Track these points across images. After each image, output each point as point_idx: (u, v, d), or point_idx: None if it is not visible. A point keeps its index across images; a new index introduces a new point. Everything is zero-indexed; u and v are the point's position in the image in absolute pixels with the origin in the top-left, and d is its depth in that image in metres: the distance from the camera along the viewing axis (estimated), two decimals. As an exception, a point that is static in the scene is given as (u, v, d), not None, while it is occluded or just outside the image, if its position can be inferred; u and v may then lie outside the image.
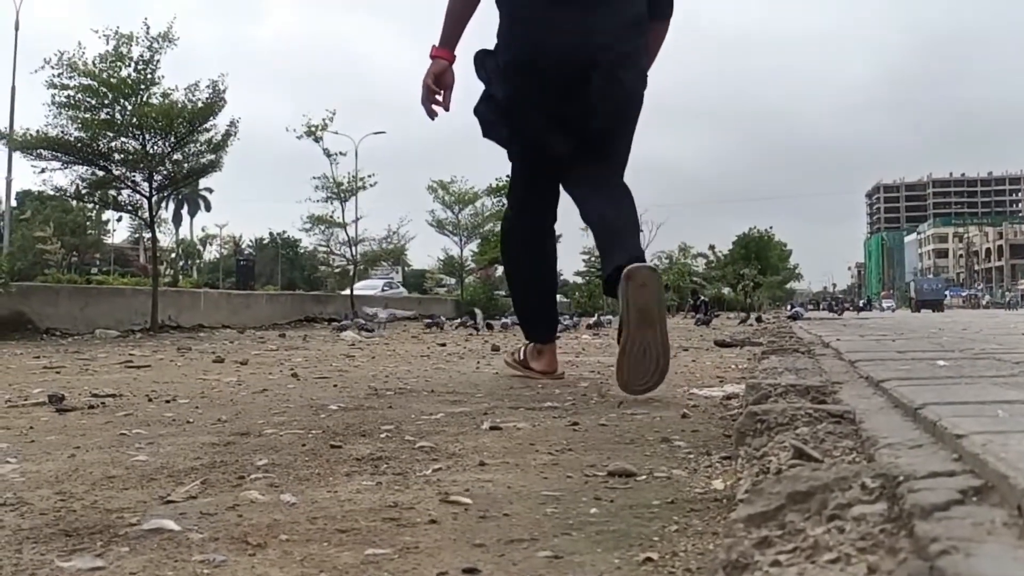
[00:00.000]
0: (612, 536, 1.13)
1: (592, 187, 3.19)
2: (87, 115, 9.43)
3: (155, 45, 9.66)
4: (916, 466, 0.98)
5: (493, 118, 3.35)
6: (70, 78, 9.38)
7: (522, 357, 3.66)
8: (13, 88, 23.28)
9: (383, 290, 29.83)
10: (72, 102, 9.39)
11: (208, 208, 77.42)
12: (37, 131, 9.54)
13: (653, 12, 3.29)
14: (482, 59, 3.32)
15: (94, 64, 9.40)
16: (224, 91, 10.08)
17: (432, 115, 3.35)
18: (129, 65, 9.56)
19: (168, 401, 2.79)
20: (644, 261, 2.84)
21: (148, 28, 9.67)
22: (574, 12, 3.09)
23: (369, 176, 18.95)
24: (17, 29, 26.04)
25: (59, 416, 2.43)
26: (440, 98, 3.29)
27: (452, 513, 1.26)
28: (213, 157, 10.41)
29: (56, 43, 9.87)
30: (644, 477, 1.51)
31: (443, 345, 7.06)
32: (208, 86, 10.05)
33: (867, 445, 1.23)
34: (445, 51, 3.26)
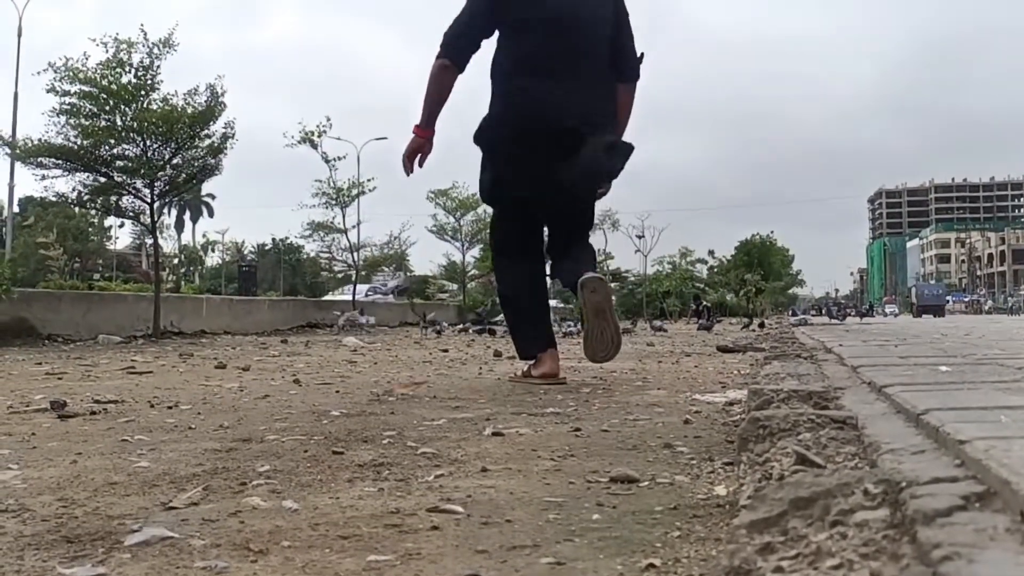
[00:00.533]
0: (614, 542, 1.13)
1: (567, 255, 3.80)
2: (88, 122, 9.43)
3: (155, 51, 9.66)
4: (919, 472, 0.98)
5: (489, 182, 3.89)
6: (71, 84, 9.38)
7: (525, 370, 3.77)
8: (16, 94, 23.28)
9: (367, 295, 28.96)
10: (73, 109, 9.40)
11: (211, 214, 77.44)
12: (39, 139, 9.54)
13: (620, 76, 3.78)
14: (479, 132, 3.78)
15: (95, 71, 9.40)
16: (223, 95, 10.07)
17: (408, 174, 3.83)
18: (129, 71, 9.56)
19: (170, 407, 2.79)
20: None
21: (146, 34, 9.67)
22: (560, 91, 3.59)
23: (368, 180, 18.90)
24: (20, 35, 26.08)
25: (61, 422, 2.44)
26: (416, 164, 3.80)
27: (454, 519, 1.26)
28: (213, 161, 10.40)
29: (60, 51, 9.85)
30: (646, 483, 1.51)
31: (445, 351, 7.07)
32: (206, 89, 10.03)
33: (869, 451, 1.23)
34: (422, 130, 3.74)
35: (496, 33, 3.68)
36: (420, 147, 3.74)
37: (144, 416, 2.56)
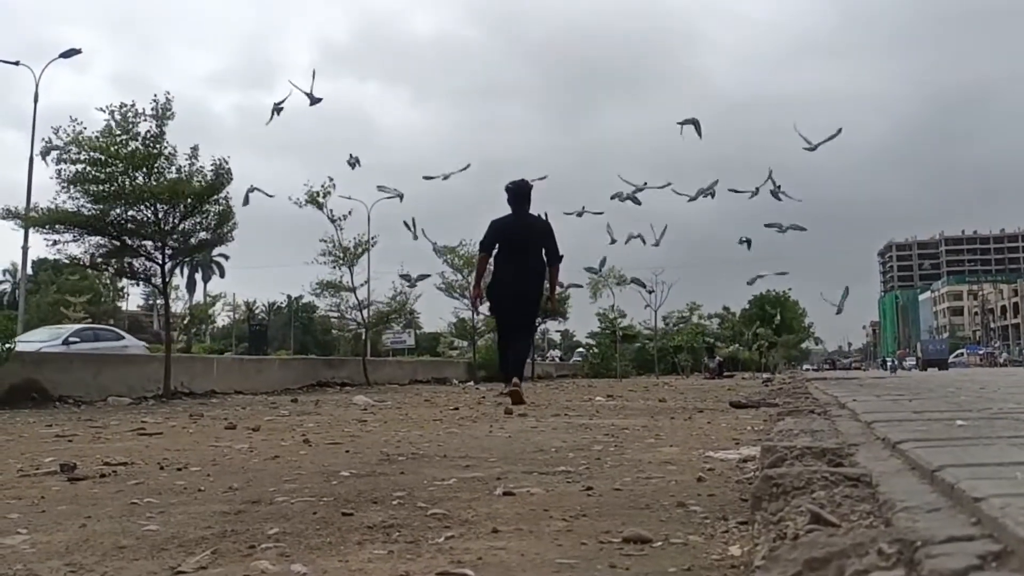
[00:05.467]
0: (627, 605, 1.12)
1: (518, 341, 8.14)
2: (97, 187, 9.46)
3: (161, 115, 9.68)
4: (934, 530, 0.97)
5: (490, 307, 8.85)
6: (78, 154, 9.42)
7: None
8: (31, 159, 23.66)
9: (68, 343, 16.74)
10: (82, 176, 9.44)
11: (222, 274, 77.61)
12: (48, 207, 9.59)
13: (550, 263, 8.11)
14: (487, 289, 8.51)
15: (98, 139, 9.41)
16: (228, 170, 10.00)
17: (477, 306, 11.24)
18: (136, 139, 9.58)
19: (180, 469, 2.78)
20: (519, 381, 7.52)
21: (139, 111, 9.56)
22: (517, 275, 7.86)
23: (372, 238, 18.98)
24: (36, 100, 26.64)
25: (70, 485, 2.43)
26: (479, 300, 9.13)
27: (465, 582, 1.25)
28: (225, 229, 10.38)
29: (74, 114, 9.78)
30: (660, 543, 1.49)
31: (456, 409, 7.03)
32: (211, 167, 9.96)
33: (884, 509, 1.21)
34: (476, 289, 8.78)
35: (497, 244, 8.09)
36: (479, 295, 8.68)
37: (154, 478, 2.55)
